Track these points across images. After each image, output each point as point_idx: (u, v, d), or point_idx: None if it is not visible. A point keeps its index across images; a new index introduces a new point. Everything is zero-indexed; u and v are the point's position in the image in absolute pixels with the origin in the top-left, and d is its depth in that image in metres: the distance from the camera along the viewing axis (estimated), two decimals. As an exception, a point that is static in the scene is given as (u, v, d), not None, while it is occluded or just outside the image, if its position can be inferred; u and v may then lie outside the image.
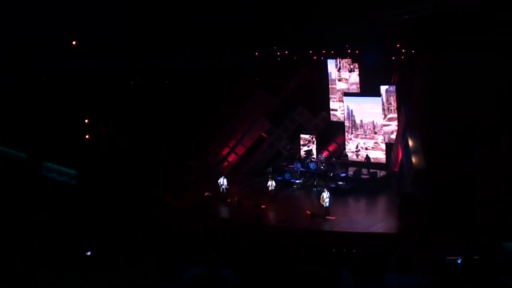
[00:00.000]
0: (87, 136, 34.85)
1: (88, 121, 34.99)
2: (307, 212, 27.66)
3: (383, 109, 34.53)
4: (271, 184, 30.81)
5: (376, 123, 35.25)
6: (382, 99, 34.46)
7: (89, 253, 12.68)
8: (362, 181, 33.03)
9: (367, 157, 35.31)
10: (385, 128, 34.85)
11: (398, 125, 33.61)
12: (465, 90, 26.76)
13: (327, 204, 27.41)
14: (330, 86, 38.68)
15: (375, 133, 35.46)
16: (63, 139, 31.16)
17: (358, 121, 36.35)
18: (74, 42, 31.32)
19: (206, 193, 30.97)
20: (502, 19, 24.57)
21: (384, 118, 34.66)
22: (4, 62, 29.71)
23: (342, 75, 37.62)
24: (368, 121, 35.78)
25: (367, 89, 35.72)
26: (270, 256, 15.61)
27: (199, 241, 19.76)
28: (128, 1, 29.01)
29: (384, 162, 35.14)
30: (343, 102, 37.55)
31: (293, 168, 35.19)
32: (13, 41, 28.55)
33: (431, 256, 16.35)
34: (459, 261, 13.02)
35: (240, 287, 8.40)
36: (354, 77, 36.85)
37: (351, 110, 36.80)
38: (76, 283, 8.74)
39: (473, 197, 23.26)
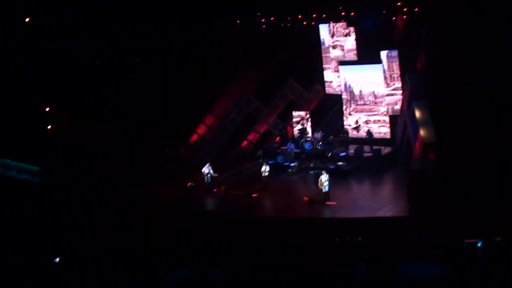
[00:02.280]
0: (49, 127, 34.57)
1: (49, 109, 34.66)
2: (305, 198, 27.61)
3: (385, 78, 34.39)
4: (265, 169, 30.69)
5: (378, 92, 35.14)
6: (383, 66, 34.32)
7: (57, 260, 12.54)
8: (365, 160, 33.03)
9: (369, 133, 35.22)
10: (388, 98, 34.74)
11: (402, 95, 33.54)
12: (482, 52, 26.51)
13: (327, 188, 27.39)
14: (323, 55, 38.45)
15: (377, 103, 35.39)
16: (22, 131, 30.86)
17: (357, 92, 36.25)
18: (27, 19, 30.92)
19: (189, 184, 30.86)
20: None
21: (387, 88, 34.57)
22: None
23: (337, 41, 37.40)
24: (368, 92, 35.68)
25: (366, 55, 35.52)
26: (266, 251, 15.55)
27: (183, 238, 19.70)
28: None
29: (389, 137, 35.12)
30: (339, 72, 37.42)
31: (286, 149, 35.10)
32: None
33: (447, 240, 16.36)
34: (479, 244, 13.01)
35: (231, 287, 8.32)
36: (351, 42, 36.54)
37: (349, 81, 36.67)
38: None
39: (491, 172, 23.20)
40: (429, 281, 8.00)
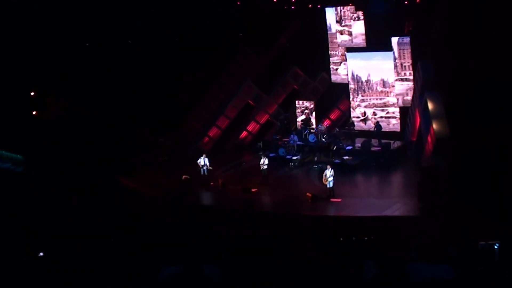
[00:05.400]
0: (34, 112, 34.45)
1: (35, 93, 34.54)
2: (308, 194, 27.59)
3: (395, 66, 34.33)
4: (263, 161, 30.68)
5: (387, 80, 35.05)
6: (393, 53, 34.26)
7: (41, 254, 12.52)
8: (373, 154, 32.99)
9: (378, 125, 35.15)
10: (399, 88, 34.67)
11: (414, 85, 33.47)
12: (498, 39, 26.43)
13: (331, 184, 27.35)
14: (329, 41, 38.35)
15: (386, 93, 35.29)
16: (5, 117, 30.75)
17: (364, 80, 36.11)
18: None
19: (184, 176, 30.87)
20: None
21: (397, 77, 34.49)
22: None
23: (344, 26, 37.22)
24: (377, 80, 35.56)
25: (375, 42, 35.43)
26: (264, 249, 15.54)
27: (177, 234, 19.70)
28: None
29: (399, 130, 35.08)
30: (346, 59, 37.32)
31: (288, 142, 35.06)
32: None
33: (461, 241, 16.34)
34: (496, 246, 12.99)
35: (227, 285, 8.30)
36: (359, 27, 36.38)
37: (356, 69, 36.54)
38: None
39: (509, 169, 23.13)
40: (443, 282, 7.97)
